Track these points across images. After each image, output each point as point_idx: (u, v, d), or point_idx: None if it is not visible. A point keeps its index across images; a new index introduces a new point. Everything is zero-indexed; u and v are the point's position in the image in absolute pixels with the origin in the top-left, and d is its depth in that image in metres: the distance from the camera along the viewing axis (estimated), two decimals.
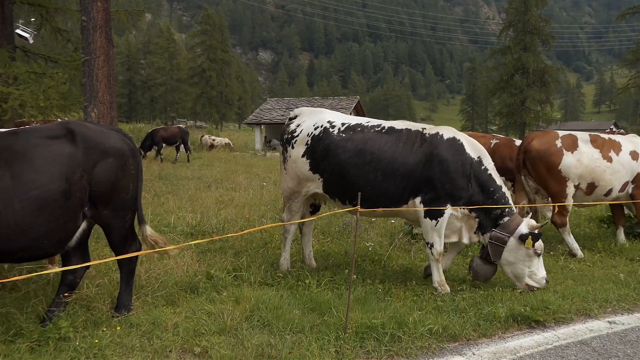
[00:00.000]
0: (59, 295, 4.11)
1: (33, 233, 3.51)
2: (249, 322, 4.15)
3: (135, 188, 4.25)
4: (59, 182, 3.61)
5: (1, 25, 15.62)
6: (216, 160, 19.75)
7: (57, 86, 14.16)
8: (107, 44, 12.24)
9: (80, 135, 3.86)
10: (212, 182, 12.92)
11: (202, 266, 5.48)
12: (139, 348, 3.66)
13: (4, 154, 3.48)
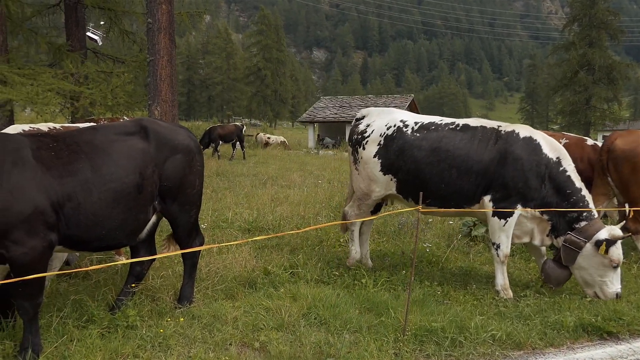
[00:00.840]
0: (127, 285, 4.30)
1: (108, 224, 3.66)
2: (306, 320, 4.17)
3: (200, 184, 4.38)
4: (134, 176, 3.76)
5: (75, 29, 16.56)
6: (271, 158, 20.04)
7: (124, 85, 14.85)
8: (170, 44, 12.71)
9: (153, 132, 4.02)
10: (267, 180, 13.13)
11: (260, 262, 5.56)
12: (200, 340, 3.76)
13: (85, 148, 3.65)
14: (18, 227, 3.19)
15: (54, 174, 3.40)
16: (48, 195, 3.33)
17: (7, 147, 3.35)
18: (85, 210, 3.52)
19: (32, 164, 3.34)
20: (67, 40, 16.17)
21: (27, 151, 3.37)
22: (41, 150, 3.45)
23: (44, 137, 3.63)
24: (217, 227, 7.28)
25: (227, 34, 76.04)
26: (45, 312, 3.90)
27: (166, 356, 3.51)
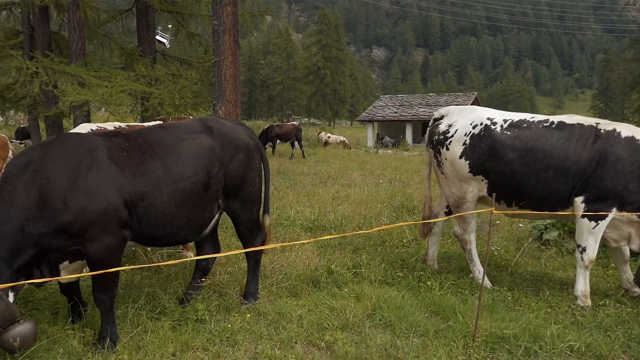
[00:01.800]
0: (194, 279, 4.42)
1: (177, 221, 3.77)
2: (371, 321, 4.11)
3: (260, 182, 4.43)
4: (201, 175, 3.85)
5: (145, 33, 17.34)
6: (330, 156, 20.08)
7: (190, 86, 15.39)
8: (234, 45, 13.00)
9: (218, 132, 4.10)
10: (328, 178, 13.15)
11: (323, 261, 5.55)
12: (266, 336, 3.80)
13: (155, 147, 3.75)
14: (94, 225, 3.35)
15: (126, 173, 3.51)
16: (121, 194, 3.45)
17: (82, 148, 3.49)
18: (156, 209, 3.62)
19: (106, 164, 3.46)
20: (138, 43, 16.97)
21: (101, 152, 3.50)
22: (113, 150, 3.56)
23: (116, 137, 3.74)
24: (280, 224, 7.36)
25: (287, 34, 77.04)
26: (121, 303, 4.09)
27: (234, 351, 3.57)
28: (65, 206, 3.28)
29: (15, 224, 3.20)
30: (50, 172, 3.32)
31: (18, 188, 3.26)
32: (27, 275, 3.39)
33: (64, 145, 3.51)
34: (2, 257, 3.19)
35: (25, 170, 3.31)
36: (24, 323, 3.23)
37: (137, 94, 14.00)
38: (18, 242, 3.21)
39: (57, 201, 3.27)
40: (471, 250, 5.25)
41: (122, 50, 17.23)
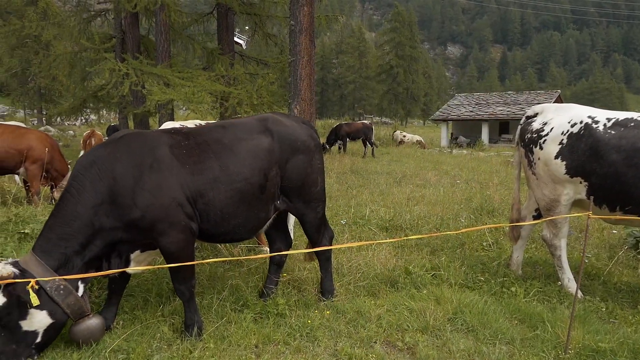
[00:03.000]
0: (271, 273, 4.50)
1: (234, 220, 3.81)
2: (452, 324, 3.99)
3: (322, 181, 4.39)
4: (258, 177, 3.86)
5: (225, 34, 17.99)
6: (404, 156, 19.79)
7: (268, 85, 15.77)
8: (310, 45, 13.16)
9: (277, 133, 4.07)
10: (402, 178, 12.97)
11: (400, 261, 5.47)
12: (345, 334, 3.80)
13: (214, 147, 3.80)
14: (161, 221, 3.46)
15: (187, 170, 3.59)
16: (183, 190, 3.54)
17: (145, 146, 3.61)
18: (214, 207, 3.68)
19: (168, 161, 3.55)
20: (218, 45, 17.64)
21: (164, 149, 3.59)
22: (175, 147, 3.66)
23: (177, 134, 3.81)
24: (355, 223, 7.34)
25: (360, 33, 76.94)
26: (206, 294, 4.26)
27: (314, 347, 3.60)
28: (133, 203, 3.40)
29: (85, 220, 3.36)
30: (117, 170, 3.44)
31: (85, 186, 3.41)
32: (96, 267, 3.56)
33: (128, 144, 3.61)
34: (74, 251, 3.36)
35: (91, 168, 3.45)
36: (92, 318, 3.45)
37: (217, 93, 14.56)
38: (88, 236, 3.38)
39: (124, 198, 3.41)
40: (561, 257, 4.94)
41: (203, 51, 17.99)
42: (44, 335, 3.25)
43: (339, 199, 9.60)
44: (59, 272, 3.28)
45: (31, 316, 3.16)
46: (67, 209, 3.39)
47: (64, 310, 3.27)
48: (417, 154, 21.17)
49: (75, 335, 3.41)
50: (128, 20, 16.58)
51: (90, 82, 18.12)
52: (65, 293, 3.26)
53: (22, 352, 3.17)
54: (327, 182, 11.87)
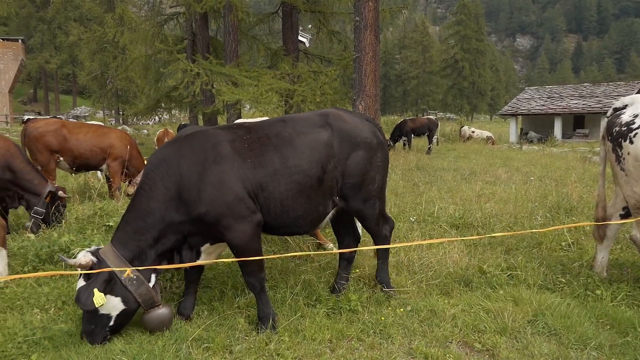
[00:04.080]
0: (341, 269, 4.48)
1: (293, 213, 3.84)
2: (533, 327, 3.81)
3: (381, 179, 4.30)
4: (316, 170, 3.85)
5: (289, 33, 18.21)
6: (471, 152, 19.19)
7: (331, 82, 15.80)
8: (375, 41, 13.05)
9: (337, 128, 4.04)
10: (470, 175, 12.59)
11: (473, 260, 5.31)
12: (420, 333, 3.73)
13: (274, 141, 3.84)
14: (226, 215, 3.54)
15: (248, 165, 3.66)
16: (244, 184, 3.60)
17: (207, 144, 3.70)
18: (274, 199, 3.72)
19: (229, 156, 3.63)
20: (283, 43, 17.90)
21: (225, 145, 3.68)
22: (237, 142, 3.73)
23: (239, 129, 3.90)
24: (423, 220, 7.21)
25: (424, 27, 75.36)
26: (280, 288, 4.33)
27: (388, 344, 3.57)
28: (198, 198, 3.52)
29: (157, 215, 3.56)
30: (182, 167, 3.58)
31: (156, 182, 3.59)
32: (168, 259, 3.75)
33: (192, 142, 3.73)
34: (147, 244, 3.58)
35: (160, 166, 3.63)
36: (162, 307, 3.65)
37: (282, 91, 14.79)
38: (160, 230, 3.58)
39: (190, 194, 3.53)
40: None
41: (268, 50, 18.33)
42: (116, 320, 3.53)
43: (406, 195, 9.46)
44: (133, 263, 3.52)
45: (107, 301, 3.43)
46: (140, 204, 3.61)
47: (136, 299, 3.51)
48: (485, 150, 20.47)
49: (147, 323, 3.64)
50: (198, 22, 17.22)
51: (164, 83, 18.98)
52: (138, 283, 3.50)
53: (99, 332, 3.48)
54: (393, 178, 11.75)
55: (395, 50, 78.37)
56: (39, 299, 4.08)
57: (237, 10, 15.01)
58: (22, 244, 5.48)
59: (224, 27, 15.96)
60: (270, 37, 20.98)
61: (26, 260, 5.04)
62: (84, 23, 46.92)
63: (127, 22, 30.36)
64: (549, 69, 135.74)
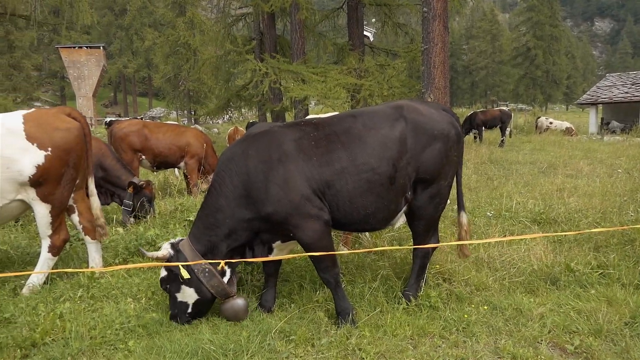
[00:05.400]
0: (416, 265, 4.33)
1: (363, 210, 3.76)
2: (632, 330, 3.55)
3: (453, 176, 4.10)
4: (386, 168, 3.72)
5: (355, 28, 18.13)
6: (547, 144, 18.21)
7: (398, 75, 15.60)
8: (444, 31, 12.69)
9: (412, 121, 3.85)
10: (548, 168, 11.96)
11: (559, 257, 5.03)
12: (505, 332, 3.59)
13: (342, 138, 3.76)
14: (293, 214, 3.55)
15: (314, 162, 3.62)
16: (310, 183, 3.58)
17: (273, 143, 3.70)
18: (343, 197, 3.67)
19: (294, 155, 3.61)
20: (349, 39, 17.85)
21: (289, 144, 3.66)
22: (303, 139, 3.70)
23: (306, 126, 3.85)
24: (500, 216, 6.92)
25: (492, 15, 72.47)
26: (358, 283, 4.33)
27: (472, 343, 3.46)
28: (265, 197, 3.56)
29: (226, 212, 3.66)
30: (249, 165, 3.62)
31: (225, 180, 3.68)
32: (241, 253, 3.86)
33: (258, 141, 3.75)
34: (219, 239, 3.72)
35: (229, 164, 3.71)
36: (236, 299, 3.81)
37: (349, 86, 14.76)
38: (230, 226, 3.68)
39: (258, 192, 3.58)
40: None
41: (334, 46, 18.36)
42: (193, 307, 3.78)
43: (479, 190, 9.15)
44: (206, 256, 3.71)
45: (183, 290, 3.74)
46: (211, 201, 3.75)
47: (208, 289, 3.70)
48: (563, 141, 19.36)
49: (222, 312, 3.84)
50: (265, 21, 17.54)
51: (233, 83, 19.55)
52: (210, 275, 3.69)
53: (180, 317, 3.80)
54: (465, 172, 11.38)
55: (462, 40, 75.93)
56: (131, 289, 4.33)
57: (302, 9, 15.14)
58: (112, 237, 5.84)
59: (291, 25, 16.16)
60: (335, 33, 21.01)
61: (117, 253, 5.37)
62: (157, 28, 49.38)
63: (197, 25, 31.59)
64: (632, 54, 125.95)
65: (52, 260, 4.67)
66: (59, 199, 4.53)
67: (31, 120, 4.44)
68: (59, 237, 4.65)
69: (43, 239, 4.65)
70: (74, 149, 4.57)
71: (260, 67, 14.27)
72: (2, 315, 3.83)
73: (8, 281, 4.60)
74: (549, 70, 59.07)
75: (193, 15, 33.43)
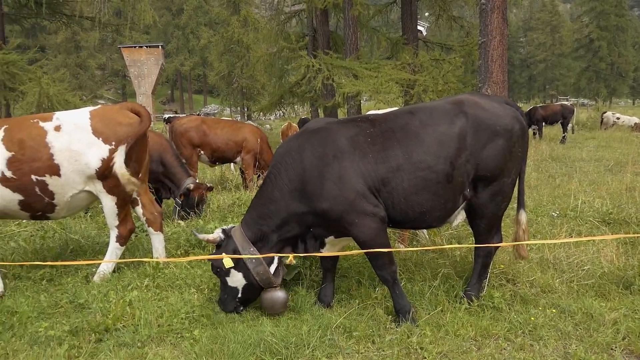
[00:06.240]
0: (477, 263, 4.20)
1: (418, 208, 3.69)
2: None
3: (517, 172, 3.93)
4: (444, 166, 3.63)
5: (409, 22, 17.87)
6: (614, 140, 17.28)
7: (454, 70, 15.24)
8: (502, 24, 12.26)
9: (473, 117, 3.73)
10: (615, 166, 11.35)
11: (632, 260, 4.75)
12: (576, 337, 3.44)
13: (399, 134, 3.70)
14: (348, 212, 3.54)
15: (369, 160, 3.59)
16: (365, 180, 3.56)
17: (328, 139, 3.69)
18: (397, 194, 3.62)
19: (349, 152, 3.59)
20: (403, 33, 17.61)
21: (345, 140, 3.64)
22: (359, 136, 3.67)
23: (363, 122, 3.82)
24: (564, 216, 6.63)
25: (552, 6, 69.35)
26: (417, 281, 4.26)
27: (539, 346, 3.33)
28: (320, 193, 3.56)
29: (279, 203, 3.72)
30: (305, 160, 3.64)
31: (281, 173, 3.73)
32: (292, 245, 3.91)
33: (314, 137, 3.76)
34: (270, 230, 3.79)
35: (285, 157, 3.74)
36: (277, 291, 3.84)
37: (403, 82, 14.55)
38: (282, 218, 3.74)
39: (313, 187, 3.59)
40: None
41: (388, 40, 18.17)
42: (242, 293, 3.87)
43: (541, 188, 8.82)
44: (256, 244, 3.80)
45: (232, 275, 3.83)
46: (266, 192, 3.83)
47: (253, 276, 3.77)
48: (632, 138, 18.29)
49: (261, 301, 3.91)
50: (319, 18, 17.58)
51: (286, 79, 19.75)
52: (257, 263, 3.76)
53: (230, 302, 3.90)
54: None
55: (519, 33, 73.17)
56: (194, 280, 4.46)
57: (356, 4, 15.05)
58: (174, 229, 6.05)
59: (344, 20, 16.11)
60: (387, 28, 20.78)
61: (179, 245, 5.56)
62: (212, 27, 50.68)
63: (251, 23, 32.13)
64: None
65: (120, 249, 4.90)
66: (124, 191, 4.74)
67: (97, 116, 4.67)
68: (125, 227, 4.88)
69: (111, 230, 4.89)
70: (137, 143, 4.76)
71: (313, 63, 14.34)
72: (77, 300, 4.06)
73: (81, 269, 4.86)
74: (613, 62, 55.92)
75: (247, 14, 34.03)
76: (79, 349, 3.36)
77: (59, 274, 4.79)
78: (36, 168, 4.43)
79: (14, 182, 4.42)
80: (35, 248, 5.54)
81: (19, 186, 4.44)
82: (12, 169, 4.40)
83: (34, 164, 4.42)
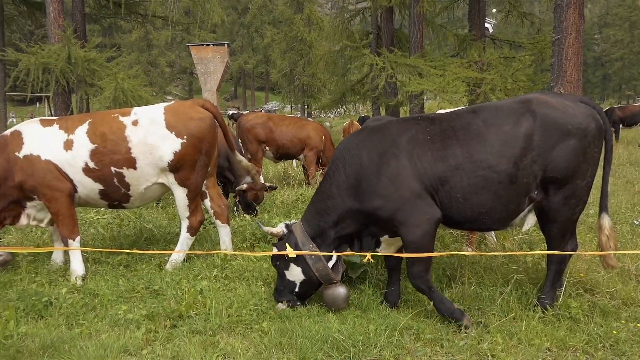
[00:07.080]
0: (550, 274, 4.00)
1: (477, 208, 3.60)
2: None
3: (593, 174, 3.70)
4: (507, 166, 3.51)
5: (476, 18, 17.32)
6: None
7: (524, 68, 14.64)
8: (579, 20, 11.59)
9: (541, 116, 3.57)
10: None
11: None
12: None
13: (459, 133, 3.61)
14: (401, 210, 3.52)
15: (428, 158, 3.56)
16: (422, 180, 3.52)
17: (388, 136, 3.68)
18: (456, 194, 3.56)
19: (408, 150, 3.57)
20: (470, 30, 17.11)
21: (403, 139, 3.63)
22: (419, 134, 3.64)
23: (423, 120, 3.78)
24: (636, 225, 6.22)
25: (632, 1, 64.97)
26: (488, 285, 4.13)
27: None
28: (374, 190, 3.57)
29: (337, 200, 3.75)
30: (363, 157, 3.67)
31: (339, 169, 3.77)
32: (349, 242, 3.94)
33: (374, 134, 3.78)
34: (327, 226, 3.83)
35: (345, 154, 3.79)
36: (338, 287, 3.86)
37: (469, 80, 14.15)
38: (339, 214, 3.77)
39: (368, 184, 3.60)
40: None
41: (455, 37, 17.74)
42: (300, 287, 3.93)
43: (618, 194, 8.32)
44: (315, 240, 3.85)
45: (291, 269, 3.89)
46: (324, 188, 3.89)
47: (312, 272, 3.81)
48: None
49: (322, 297, 3.94)
50: (383, 15, 17.45)
51: (348, 77, 19.75)
52: (316, 259, 3.79)
53: (287, 294, 3.96)
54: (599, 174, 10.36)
55: (594, 29, 69.15)
56: (261, 273, 4.56)
57: (423, 1, 14.78)
58: (240, 222, 6.20)
59: (410, 18, 15.88)
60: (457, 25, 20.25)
61: (244, 238, 5.70)
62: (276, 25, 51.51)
63: (314, 21, 32.36)
64: None
65: (190, 239, 5.10)
66: (194, 183, 4.94)
67: (170, 111, 4.88)
68: (195, 218, 5.07)
69: (182, 220, 5.09)
70: (207, 137, 4.93)
71: (377, 61, 14.23)
72: (152, 287, 4.25)
73: (154, 257, 5.09)
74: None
75: (310, 12, 34.30)
76: (155, 333, 3.52)
77: (135, 260, 5.05)
78: (116, 160, 4.69)
79: (96, 173, 4.70)
80: (113, 235, 5.86)
81: (100, 177, 4.73)
82: (94, 160, 4.68)
83: (114, 157, 4.69)
